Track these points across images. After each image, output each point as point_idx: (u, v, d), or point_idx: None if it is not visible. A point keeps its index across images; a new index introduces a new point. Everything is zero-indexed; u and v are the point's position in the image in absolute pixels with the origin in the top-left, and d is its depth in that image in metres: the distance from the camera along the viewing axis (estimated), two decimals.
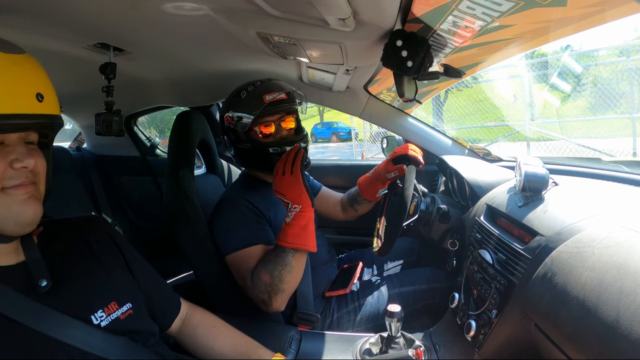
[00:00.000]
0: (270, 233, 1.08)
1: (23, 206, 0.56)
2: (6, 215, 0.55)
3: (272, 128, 1.12)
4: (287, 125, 1.14)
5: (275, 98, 1.08)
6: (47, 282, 0.60)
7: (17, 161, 0.55)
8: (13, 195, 0.55)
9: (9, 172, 0.55)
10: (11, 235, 0.58)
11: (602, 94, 5.54)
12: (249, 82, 1.13)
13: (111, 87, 1.01)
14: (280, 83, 1.14)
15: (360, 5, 0.66)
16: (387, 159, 1.34)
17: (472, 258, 0.97)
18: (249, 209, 1.07)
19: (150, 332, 0.71)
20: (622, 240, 0.60)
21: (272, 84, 1.12)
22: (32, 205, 0.57)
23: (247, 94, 1.10)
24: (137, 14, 0.78)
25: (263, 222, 1.08)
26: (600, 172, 1.11)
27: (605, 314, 0.52)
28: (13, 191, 0.55)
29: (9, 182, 0.55)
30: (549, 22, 0.67)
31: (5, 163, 0.54)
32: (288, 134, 1.14)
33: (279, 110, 1.10)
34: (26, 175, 0.57)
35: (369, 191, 1.35)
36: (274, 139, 1.12)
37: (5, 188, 0.55)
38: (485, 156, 1.51)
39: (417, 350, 0.89)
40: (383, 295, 1.18)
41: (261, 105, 1.07)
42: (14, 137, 0.56)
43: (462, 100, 6.85)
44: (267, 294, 0.96)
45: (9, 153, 0.55)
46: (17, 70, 0.54)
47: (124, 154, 1.91)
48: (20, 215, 0.56)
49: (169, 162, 1.17)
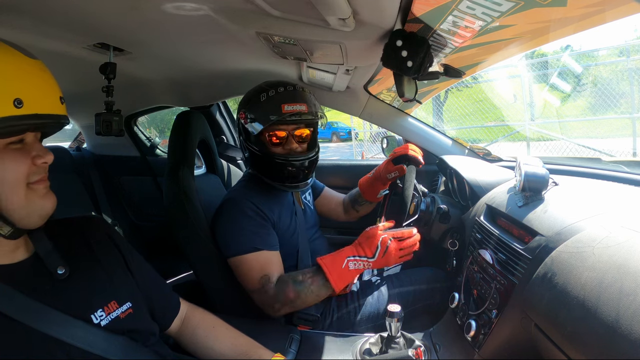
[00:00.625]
0: (274, 237, 1.08)
1: (44, 199, 0.60)
2: (33, 208, 0.59)
3: (283, 137, 1.09)
4: (299, 137, 1.11)
5: (294, 110, 1.05)
6: (65, 270, 0.63)
7: (39, 157, 0.59)
8: (37, 190, 0.59)
9: (32, 169, 0.59)
10: (32, 227, 0.60)
11: (602, 94, 5.54)
12: (273, 84, 1.09)
13: (111, 87, 1.01)
14: (303, 94, 1.09)
15: (360, 5, 0.66)
16: (387, 159, 1.34)
17: (472, 258, 0.97)
18: (253, 211, 1.07)
19: (150, 332, 0.71)
20: (622, 240, 0.60)
21: (295, 94, 1.07)
22: (51, 198, 0.62)
23: (267, 98, 1.07)
24: (137, 14, 0.78)
25: (267, 224, 1.08)
26: (600, 172, 1.11)
27: (605, 314, 0.52)
28: (36, 186, 0.59)
29: (33, 178, 0.59)
30: (549, 22, 0.67)
31: (29, 160, 0.58)
32: (298, 147, 1.11)
33: (294, 121, 1.08)
34: (45, 170, 0.61)
35: (369, 192, 1.35)
36: (283, 149, 1.10)
37: (30, 183, 0.58)
38: (485, 156, 1.51)
39: (417, 350, 0.89)
40: (383, 295, 1.18)
41: (277, 114, 1.04)
42: (32, 135, 0.60)
43: (462, 100, 6.85)
44: (281, 305, 1.00)
45: (29, 151, 0.59)
46: (45, 75, 0.59)
47: (124, 154, 1.91)
48: (44, 207, 0.60)
49: (169, 162, 1.17)
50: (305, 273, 1.01)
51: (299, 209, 1.22)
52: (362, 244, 1.01)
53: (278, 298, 0.99)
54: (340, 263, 0.99)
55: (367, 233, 1.03)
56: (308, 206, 1.30)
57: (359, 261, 0.99)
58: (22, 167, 0.57)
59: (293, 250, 1.15)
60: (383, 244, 0.99)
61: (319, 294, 1.00)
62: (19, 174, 0.57)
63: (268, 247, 1.05)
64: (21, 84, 0.55)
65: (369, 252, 1.00)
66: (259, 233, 1.05)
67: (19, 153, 0.57)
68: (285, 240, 1.13)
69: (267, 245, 1.05)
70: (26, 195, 0.58)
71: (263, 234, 1.06)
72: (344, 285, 1.00)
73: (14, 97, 0.53)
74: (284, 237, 1.12)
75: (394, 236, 1.01)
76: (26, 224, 0.59)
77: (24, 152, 0.58)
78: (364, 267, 1.00)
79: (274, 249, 1.07)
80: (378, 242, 0.99)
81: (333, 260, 1.00)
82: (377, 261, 0.99)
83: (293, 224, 1.17)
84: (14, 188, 0.56)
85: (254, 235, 1.04)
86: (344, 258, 0.99)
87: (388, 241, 1.00)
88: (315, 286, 0.99)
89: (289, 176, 1.09)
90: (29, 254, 0.63)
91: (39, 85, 0.57)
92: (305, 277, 1.00)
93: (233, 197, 1.13)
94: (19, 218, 0.57)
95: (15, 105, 0.53)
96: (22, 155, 0.58)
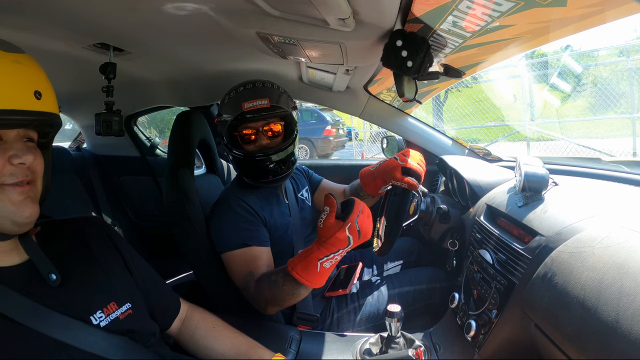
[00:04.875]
0: (264, 233, 1.09)
1: (19, 207, 0.56)
2: (2, 213, 0.55)
3: (252, 135, 1.09)
4: (271, 132, 1.10)
5: (254, 107, 1.04)
6: (57, 277, 0.61)
7: (15, 157, 0.55)
8: (10, 193, 0.55)
9: (7, 168, 0.55)
10: (8, 233, 0.58)
11: (602, 94, 5.53)
12: (239, 84, 1.10)
13: (111, 87, 1.01)
14: (266, 89, 1.08)
15: (360, 5, 0.66)
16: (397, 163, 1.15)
17: (472, 258, 0.97)
18: (243, 208, 1.08)
19: (151, 332, 0.71)
20: (622, 240, 0.60)
21: (255, 90, 1.07)
22: (28, 206, 0.57)
23: (229, 99, 1.08)
24: (137, 15, 0.78)
25: (257, 221, 1.09)
26: (600, 172, 1.11)
27: (605, 314, 0.52)
28: (10, 189, 0.55)
29: (8, 179, 0.55)
30: (549, 22, 0.67)
31: (3, 159, 0.54)
32: (270, 143, 1.10)
33: (259, 118, 1.07)
34: (24, 173, 0.57)
35: (371, 186, 1.28)
36: (255, 146, 1.10)
37: (3, 184, 0.55)
38: (485, 156, 1.51)
39: (417, 350, 0.89)
40: (383, 295, 1.18)
41: (238, 112, 1.05)
42: (13, 134, 0.56)
43: (462, 100, 6.85)
44: (265, 303, 0.98)
45: (7, 149, 0.55)
46: (16, 68, 0.55)
47: (124, 154, 1.91)
48: (17, 214, 0.56)
49: (169, 162, 1.17)
50: (277, 273, 0.94)
51: (292, 204, 1.22)
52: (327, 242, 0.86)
53: (259, 296, 0.98)
54: (314, 268, 0.88)
55: (324, 229, 0.86)
56: (305, 203, 1.29)
57: (332, 258, 0.88)
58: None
59: (288, 247, 1.16)
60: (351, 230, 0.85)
61: (296, 292, 0.92)
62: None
63: (257, 243, 1.05)
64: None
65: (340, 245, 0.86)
66: (248, 229, 1.06)
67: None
68: (278, 235, 1.13)
69: (256, 241, 1.05)
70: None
71: (252, 230, 1.06)
72: (324, 281, 0.91)
73: None
74: (277, 233, 1.13)
75: (350, 221, 0.85)
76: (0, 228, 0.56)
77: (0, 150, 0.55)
78: (340, 258, 0.90)
79: (264, 244, 1.07)
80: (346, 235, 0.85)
81: (305, 266, 0.88)
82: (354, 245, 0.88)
83: (286, 220, 1.17)
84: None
85: (243, 231, 1.05)
86: (315, 262, 0.88)
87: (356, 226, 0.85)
88: (288, 287, 0.91)
89: (266, 172, 1.09)
90: (25, 257, 0.62)
91: (5, 78, 0.53)
92: (278, 277, 0.93)
93: (224, 195, 1.16)
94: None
95: None
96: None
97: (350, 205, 0.87)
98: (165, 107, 1.81)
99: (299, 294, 0.92)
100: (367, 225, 0.87)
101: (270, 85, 1.10)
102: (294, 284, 0.90)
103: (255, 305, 1.01)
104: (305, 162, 1.75)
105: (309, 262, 0.88)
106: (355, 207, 0.86)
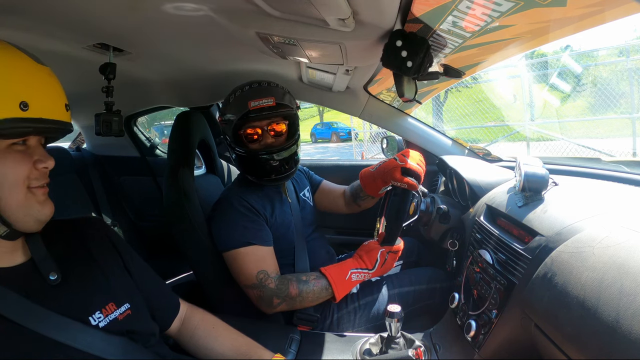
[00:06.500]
0: (267, 232, 1.09)
1: (43, 205, 0.61)
2: (29, 212, 0.60)
3: (257, 134, 1.11)
4: (275, 131, 1.12)
5: (260, 105, 1.06)
6: (57, 276, 0.63)
7: (40, 162, 0.60)
8: (36, 195, 0.60)
9: (34, 173, 0.60)
10: (28, 231, 0.61)
11: (602, 94, 5.53)
12: (244, 84, 1.11)
13: (111, 87, 1.01)
14: (271, 89, 1.10)
15: (360, 5, 0.66)
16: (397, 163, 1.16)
17: (472, 258, 0.97)
18: (245, 207, 1.08)
19: (150, 333, 0.71)
20: (622, 240, 0.60)
21: (261, 89, 1.09)
22: (49, 204, 0.63)
23: (235, 98, 1.10)
24: (137, 15, 0.78)
25: (260, 220, 1.09)
26: (600, 172, 1.11)
27: (605, 314, 0.52)
28: (36, 191, 0.60)
29: (34, 183, 0.60)
30: (549, 22, 0.67)
31: (30, 164, 0.59)
32: (275, 142, 1.12)
33: (264, 117, 1.09)
34: (45, 176, 0.62)
35: (371, 187, 1.29)
36: (260, 145, 1.11)
37: (30, 187, 0.59)
38: (485, 156, 1.51)
39: (417, 350, 0.89)
40: (383, 295, 1.18)
41: (244, 111, 1.06)
42: (35, 140, 0.61)
43: (462, 100, 6.85)
44: (281, 301, 1.02)
45: (31, 154, 0.60)
46: (53, 82, 0.61)
47: (123, 154, 1.91)
48: (41, 213, 0.61)
49: (168, 162, 1.17)
50: (309, 275, 1.07)
51: (294, 204, 1.22)
52: (363, 257, 1.11)
53: (279, 293, 1.02)
54: (344, 274, 1.07)
55: (367, 247, 1.13)
56: (307, 202, 1.30)
57: (361, 273, 1.09)
58: (22, 168, 0.58)
59: (289, 246, 1.16)
60: (382, 256, 1.11)
61: (319, 296, 1.05)
62: (19, 175, 0.58)
63: (261, 242, 1.06)
64: (28, 88, 0.56)
65: (369, 264, 1.10)
66: (252, 228, 1.07)
67: (21, 155, 0.59)
68: (280, 234, 1.13)
69: (260, 240, 1.06)
70: (25, 197, 0.59)
71: (255, 229, 1.07)
72: (345, 293, 1.07)
73: (20, 100, 0.54)
74: (278, 232, 1.13)
75: (389, 250, 1.12)
76: (22, 226, 0.60)
77: (26, 154, 0.59)
78: (364, 277, 1.10)
79: (267, 244, 1.08)
80: (377, 255, 1.10)
81: (338, 271, 1.07)
82: (375, 272, 1.11)
83: (287, 219, 1.17)
84: (13, 188, 0.57)
85: (246, 230, 1.06)
86: (347, 270, 1.07)
87: (386, 255, 1.11)
88: (317, 287, 1.04)
89: (270, 171, 1.11)
90: (26, 258, 0.63)
91: (45, 91, 0.58)
92: (310, 277, 1.06)
93: (225, 195, 1.16)
94: (15, 219, 0.58)
95: (21, 108, 0.54)
96: (24, 158, 0.59)
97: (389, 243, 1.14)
98: (165, 107, 1.81)
99: (320, 297, 1.05)
100: (389, 265, 1.14)
101: (274, 85, 1.12)
102: (324, 284, 1.05)
103: (263, 302, 1.03)
104: (305, 163, 1.75)
105: (342, 269, 1.07)
106: (395, 248, 1.14)
